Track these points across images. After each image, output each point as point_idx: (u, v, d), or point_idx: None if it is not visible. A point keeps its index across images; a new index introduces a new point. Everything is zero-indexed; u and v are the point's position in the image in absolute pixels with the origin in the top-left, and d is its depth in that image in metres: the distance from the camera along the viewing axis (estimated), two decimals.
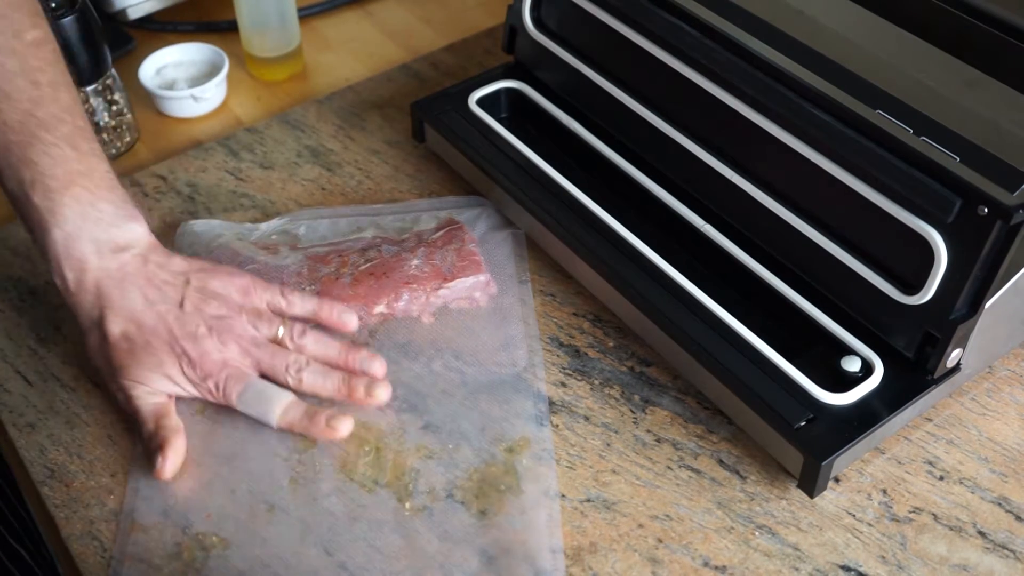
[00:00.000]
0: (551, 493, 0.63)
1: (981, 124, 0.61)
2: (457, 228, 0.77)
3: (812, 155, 0.65)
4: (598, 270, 0.72)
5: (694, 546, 0.61)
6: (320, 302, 0.70)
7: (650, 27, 0.73)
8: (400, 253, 0.74)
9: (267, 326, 0.67)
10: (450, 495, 0.63)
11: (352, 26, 1.03)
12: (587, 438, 0.67)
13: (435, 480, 0.64)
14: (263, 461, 0.65)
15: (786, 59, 0.66)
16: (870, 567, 0.60)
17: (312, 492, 0.63)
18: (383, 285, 0.72)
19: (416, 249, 0.75)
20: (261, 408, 0.65)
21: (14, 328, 0.74)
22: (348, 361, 0.67)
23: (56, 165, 0.64)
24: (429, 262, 0.74)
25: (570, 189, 0.76)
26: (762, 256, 0.70)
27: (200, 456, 0.65)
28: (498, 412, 0.67)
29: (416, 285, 0.73)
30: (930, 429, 0.67)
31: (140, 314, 0.64)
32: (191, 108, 0.92)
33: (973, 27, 0.67)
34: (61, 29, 0.80)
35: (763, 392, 0.63)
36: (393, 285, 0.72)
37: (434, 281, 0.73)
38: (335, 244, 0.76)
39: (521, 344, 0.71)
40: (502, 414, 0.67)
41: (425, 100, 0.85)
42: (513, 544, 0.61)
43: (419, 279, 0.73)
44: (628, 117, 0.77)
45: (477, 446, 0.66)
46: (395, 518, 0.62)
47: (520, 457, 0.65)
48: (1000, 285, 0.61)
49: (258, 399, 0.65)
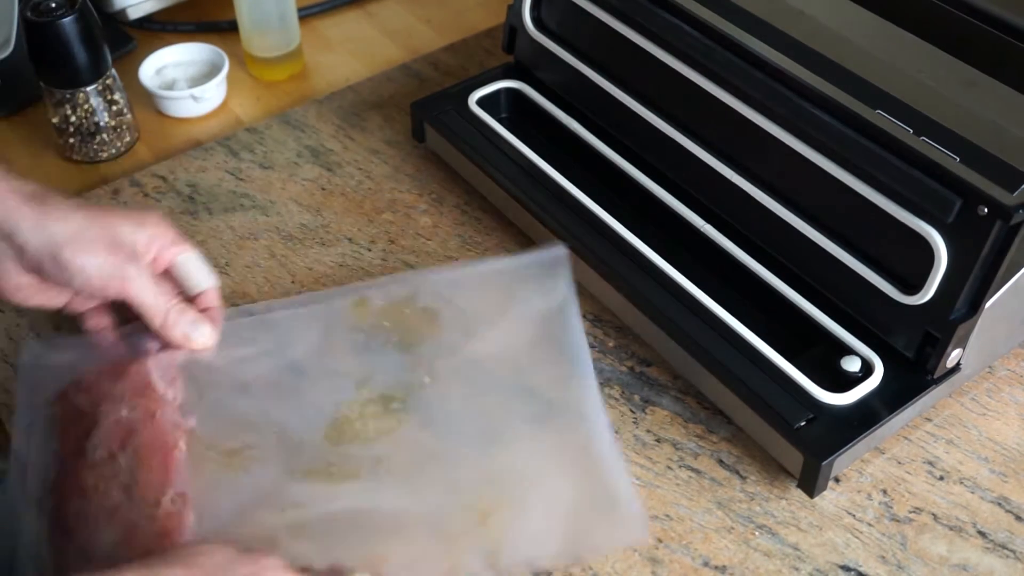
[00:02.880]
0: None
1: (981, 124, 0.61)
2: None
3: (812, 155, 0.65)
4: (598, 270, 0.72)
5: (694, 546, 0.61)
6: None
7: (650, 27, 0.73)
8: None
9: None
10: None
11: (352, 26, 1.03)
12: None
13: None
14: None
15: (786, 59, 0.66)
16: (870, 567, 0.60)
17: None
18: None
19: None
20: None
21: (14, 328, 0.74)
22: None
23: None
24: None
25: (570, 189, 0.76)
26: (762, 256, 0.70)
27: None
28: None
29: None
30: (930, 429, 0.67)
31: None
32: (191, 108, 0.92)
33: (973, 27, 0.67)
34: (61, 29, 0.80)
35: (763, 392, 0.63)
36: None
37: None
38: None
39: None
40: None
41: (425, 100, 0.85)
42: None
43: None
44: (628, 117, 0.77)
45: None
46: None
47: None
48: (1000, 285, 0.61)
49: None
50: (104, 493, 0.59)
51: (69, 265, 0.62)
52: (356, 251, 0.79)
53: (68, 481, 0.60)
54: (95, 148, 0.87)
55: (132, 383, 0.63)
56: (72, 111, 0.84)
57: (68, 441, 0.61)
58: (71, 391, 0.63)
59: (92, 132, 0.86)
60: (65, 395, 0.63)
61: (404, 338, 0.69)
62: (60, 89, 0.83)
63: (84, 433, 0.61)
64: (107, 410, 0.62)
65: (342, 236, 0.80)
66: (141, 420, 0.62)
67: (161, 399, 0.63)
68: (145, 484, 0.59)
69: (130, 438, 0.61)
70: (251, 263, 0.78)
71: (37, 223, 0.61)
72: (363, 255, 0.78)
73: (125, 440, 0.61)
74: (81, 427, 0.62)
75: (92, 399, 0.62)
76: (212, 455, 0.62)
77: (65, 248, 0.61)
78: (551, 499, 0.61)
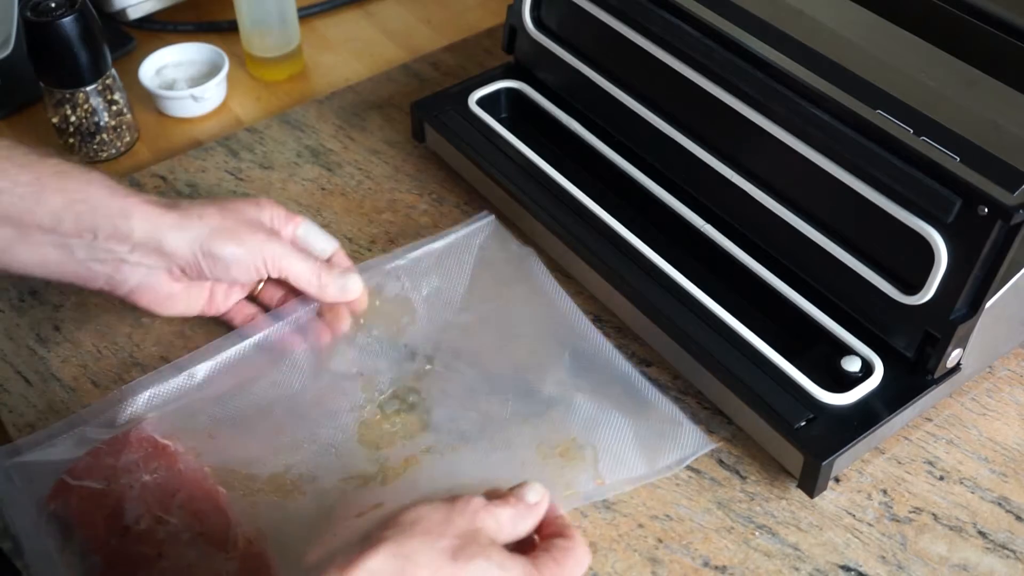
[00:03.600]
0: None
1: (981, 124, 0.61)
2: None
3: (812, 155, 0.65)
4: (598, 270, 0.72)
5: (694, 546, 0.61)
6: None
7: (650, 27, 0.73)
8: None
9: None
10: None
11: (352, 26, 1.03)
12: None
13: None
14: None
15: (786, 59, 0.66)
16: (870, 567, 0.60)
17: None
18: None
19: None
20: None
21: (14, 328, 0.74)
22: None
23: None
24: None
25: (570, 189, 0.76)
26: (762, 256, 0.70)
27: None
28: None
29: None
30: (930, 429, 0.67)
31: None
32: (191, 108, 0.92)
33: (973, 27, 0.67)
34: (61, 29, 0.80)
35: (763, 392, 0.63)
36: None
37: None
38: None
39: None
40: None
41: (425, 100, 0.85)
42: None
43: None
44: (628, 117, 0.77)
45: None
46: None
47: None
48: (1000, 285, 0.61)
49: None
50: (173, 557, 0.58)
51: (222, 256, 0.65)
52: (356, 251, 0.79)
53: (121, 560, 0.58)
54: (95, 148, 0.87)
55: (138, 449, 0.62)
56: (72, 111, 0.84)
57: (96, 525, 0.59)
58: (64, 485, 0.60)
59: (92, 132, 0.86)
60: (60, 489, 0.60)
61: (387, 330, 0.69)
62: (60, 89, 0.83)
63: (111, 512, 0.59)
64: (127, 482, 0.60)
65: (342, 236, 0.80)
66: (169, 478, 0.61)
67: (175, 453, 0.62)
68: (210, 535, 0.58)
69: (171, 498, 0.60)
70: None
71: (179, 227, 0.64)
72: (363, 255, 0.78)
73: (166, 501, 0.60)
74: (104, 508, 0.60)
75: (102, 478, 0.61)
76: (258, 487, 0.62)
77: (214, 242, 0.64)
78: (616, 432, 0.64)
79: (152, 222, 0.63)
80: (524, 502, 0.53)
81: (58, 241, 0.63)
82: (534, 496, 0.54)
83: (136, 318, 0.73)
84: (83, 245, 0.63)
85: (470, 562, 0.49)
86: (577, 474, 0.62)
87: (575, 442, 0.64)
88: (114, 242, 0.63)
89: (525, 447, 0.64)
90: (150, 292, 0.66)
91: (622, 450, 0.64)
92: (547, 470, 0.63)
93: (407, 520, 0.50)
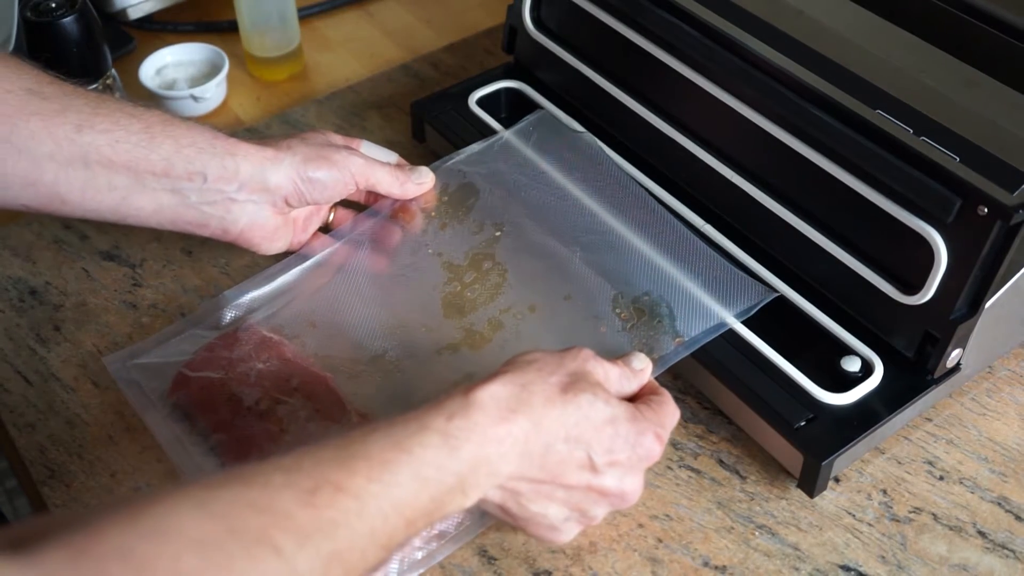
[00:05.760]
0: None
1: (981, 124, 0.61)
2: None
3: (812, 155, 0.65)
4: None
5: (694, 546, 0.61)
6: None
7: (650, 27, 0.73)
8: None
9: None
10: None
11: (352, 26, 1.04)
12: None
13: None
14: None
15: (786, 59, 0.66)
16: (870, 567, 0.60)
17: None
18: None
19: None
20: None
21: (14, 328, 0.74)
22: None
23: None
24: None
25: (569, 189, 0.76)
26: (762, 256, 0.70)
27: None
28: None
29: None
30: (930, 429, 0.67)
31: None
32: (191, 108, 0.92)
33: (973, 27, 0.67)
34: (61, 29, 0.80)
35: (763, 392, 0.63)
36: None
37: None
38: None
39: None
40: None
41: (425, 100, 0.85)
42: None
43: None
44: (628, 117, 0.77)
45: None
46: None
47: None
48: (1000, 285, 0.61)
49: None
50: (295, 431, 0.62)
51: (319, 179, 0.69)
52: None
53: (244, 436, 0.62)
54: None
55: (249, 343, 0.67)
56: None
57: (218, 409, 0.64)
58: (184, 378, 0.65)
59: None
60: (180, 382, 0.65)
61: (455, 215, 0.74)
62: None
63: (231, 396, 0.64)
64: (243, 371, 0.65)
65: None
66: (282, 366, 0.66)
67: (282, 343, 0.67)
68: (326, 411, 0.63)
69: (286, 382, 0.65)
70: (251, 263, 0.77)
71: (277, 160, 0.68)
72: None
73: (282, 384, 0.65)
74: (224, 393, 0.64)
75: (219, 368, 0.66)
76: (360, 369, 0.66)
77: (308, 168, 0.68)
78: (684, 286, 0.68)
79: (254, 159, 0.67)
80: (630, 367, 0.59)
81: (171, 185, 0.65)
82: (639, 363, 0.60)
83: (136, 318, 0.74)
84: (194, 189, 0.66)
85: (579, 395, 0.54)
86: (658, 337, 0.65)
87: (649, 297, 0.67)
88: (223, 182, 0.66)
89: (603, 302, 0.67)
90: (259, 229, 0.69)
91: (694, 302, 0.67)
92: (627, 336, 0.66)
93: (524, 359, 0.56)
